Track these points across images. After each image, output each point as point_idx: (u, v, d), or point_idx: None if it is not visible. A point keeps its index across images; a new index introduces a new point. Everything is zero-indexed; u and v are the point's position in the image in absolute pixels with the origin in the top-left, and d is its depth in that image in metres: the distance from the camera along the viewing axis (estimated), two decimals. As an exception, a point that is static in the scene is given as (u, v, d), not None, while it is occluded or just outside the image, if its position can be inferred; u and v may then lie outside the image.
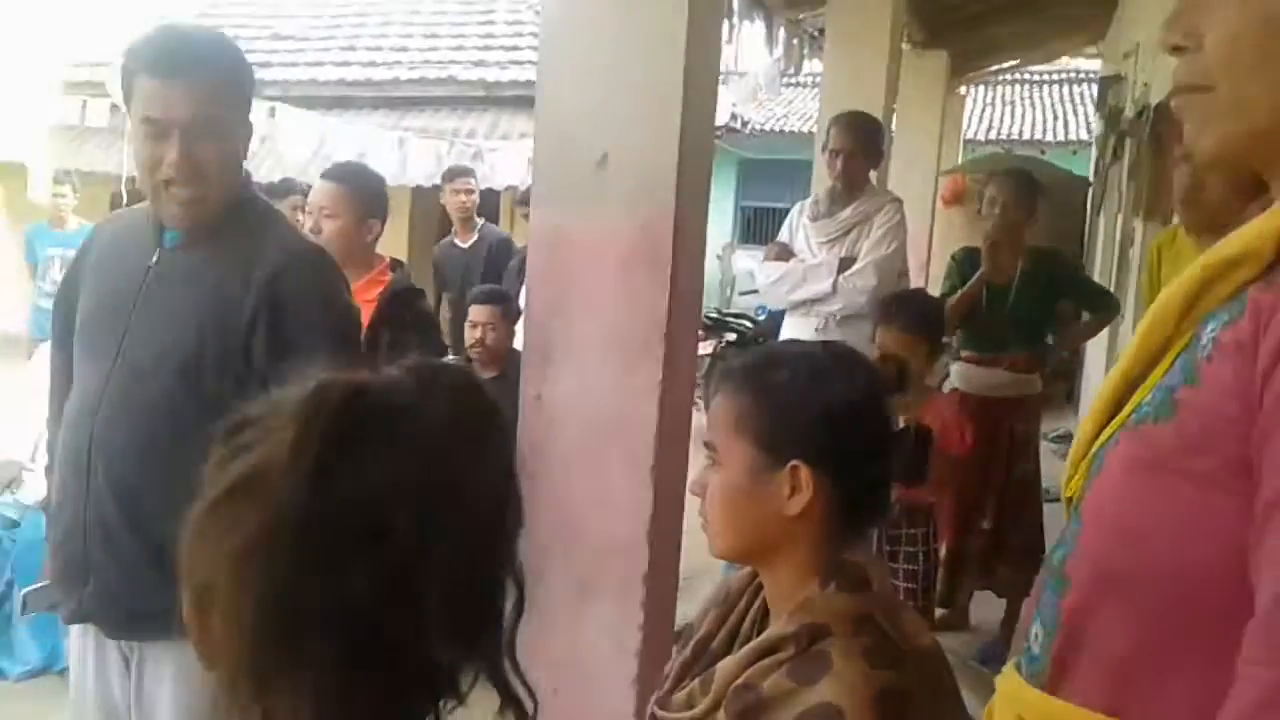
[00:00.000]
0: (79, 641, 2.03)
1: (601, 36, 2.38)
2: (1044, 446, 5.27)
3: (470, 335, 4.30)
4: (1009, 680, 1.02)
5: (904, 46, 7.15)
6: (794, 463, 1.21)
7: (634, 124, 2.36)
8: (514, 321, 4.40)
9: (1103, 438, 0.96)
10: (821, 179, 4.36)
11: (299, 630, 0.67)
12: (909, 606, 1.27)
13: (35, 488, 3.95)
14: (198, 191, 1.85)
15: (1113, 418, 0.96)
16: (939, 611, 4.41)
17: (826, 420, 1.22)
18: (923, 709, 1.14)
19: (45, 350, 4.39)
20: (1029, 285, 4.18)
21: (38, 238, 6.81)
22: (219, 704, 0.69)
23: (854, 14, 6.15)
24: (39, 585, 2.13)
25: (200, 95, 1.82)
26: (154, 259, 1.92)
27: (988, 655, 3.96)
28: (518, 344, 4.49)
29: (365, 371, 0.74)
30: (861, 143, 4.00)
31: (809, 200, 4.23)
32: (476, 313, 4.31)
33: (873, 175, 4.21)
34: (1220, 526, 0.83)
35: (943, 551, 4.25)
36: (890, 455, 1.27)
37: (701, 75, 2.43)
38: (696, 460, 2.22)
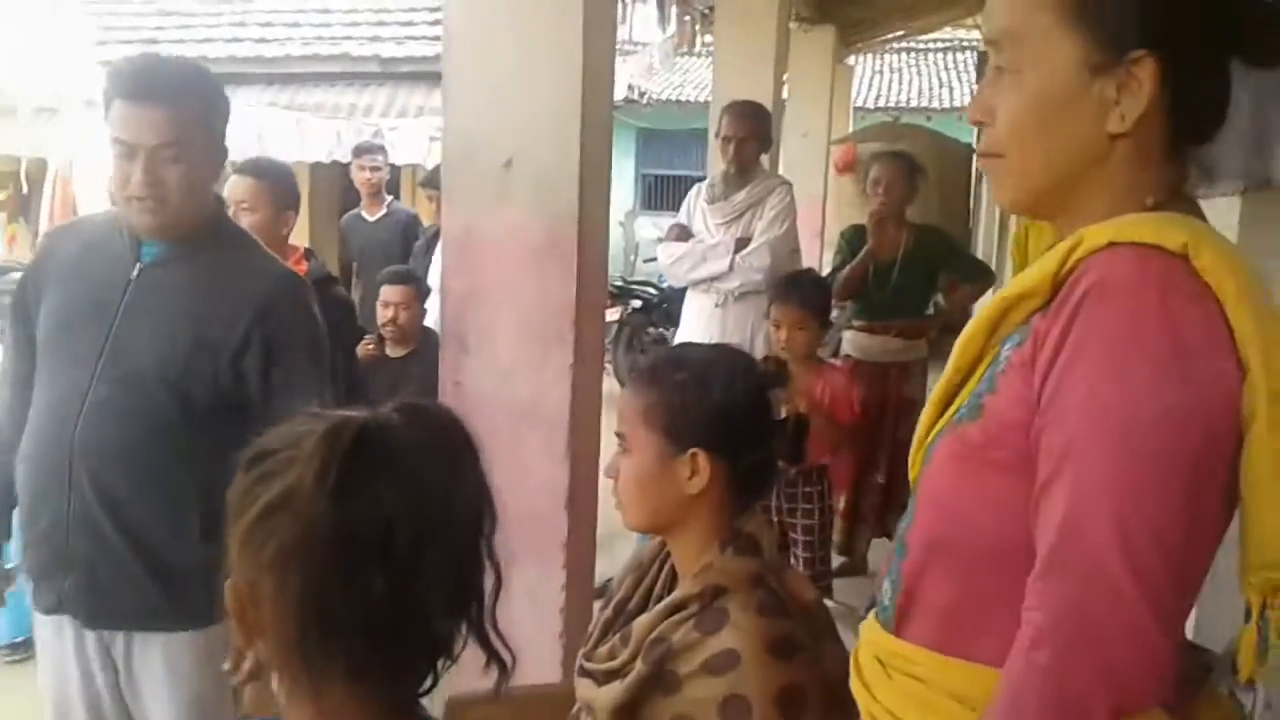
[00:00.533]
0: (54, 634, 2.11)
1: (502, 48, 2.53)
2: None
3: (383, 314, 4.38)
4: (869, 627, 1.26)
5: (791, 25, 7.38)
6: (693, 450, 1.44)
7: (537, 130, 2.53)
8: (424, 300, 4.53)
9: (933, 433, 1.19)
10: (716, 162, 4.57)
11: (331, 614, 0.86)
12: (793, 568, 1.50)
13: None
14: (161, 209, 1.97)
15: (940, 417, 1.19)
16: (839, 559, 4.74)
17: (719, 414, 1.44)
18: (807, 651, 1.37)
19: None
20: (912, 260, 4.52)
21: None
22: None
23: (740, -10, 6.36)
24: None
25: (166, 121, 1.93)
26: (135, 272, 2.02)
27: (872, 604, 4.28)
28: (428, 321, 4.66)
29: (367, 410, 0.93)
30: (751, 129, 4.24)
31: (705, 183, 4.45)
32: (389, 293, 4.39)
33: (764, 159, 4.45)
34: (1014, 504, 1.05)
35: (841, 505, 4.57)
36: (773, 441, 1.50)
37: (598, 80, 2.60)
38: (608, 433, 2.45)
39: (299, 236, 11.75)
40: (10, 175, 10.43)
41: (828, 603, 1.54)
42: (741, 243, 4.16)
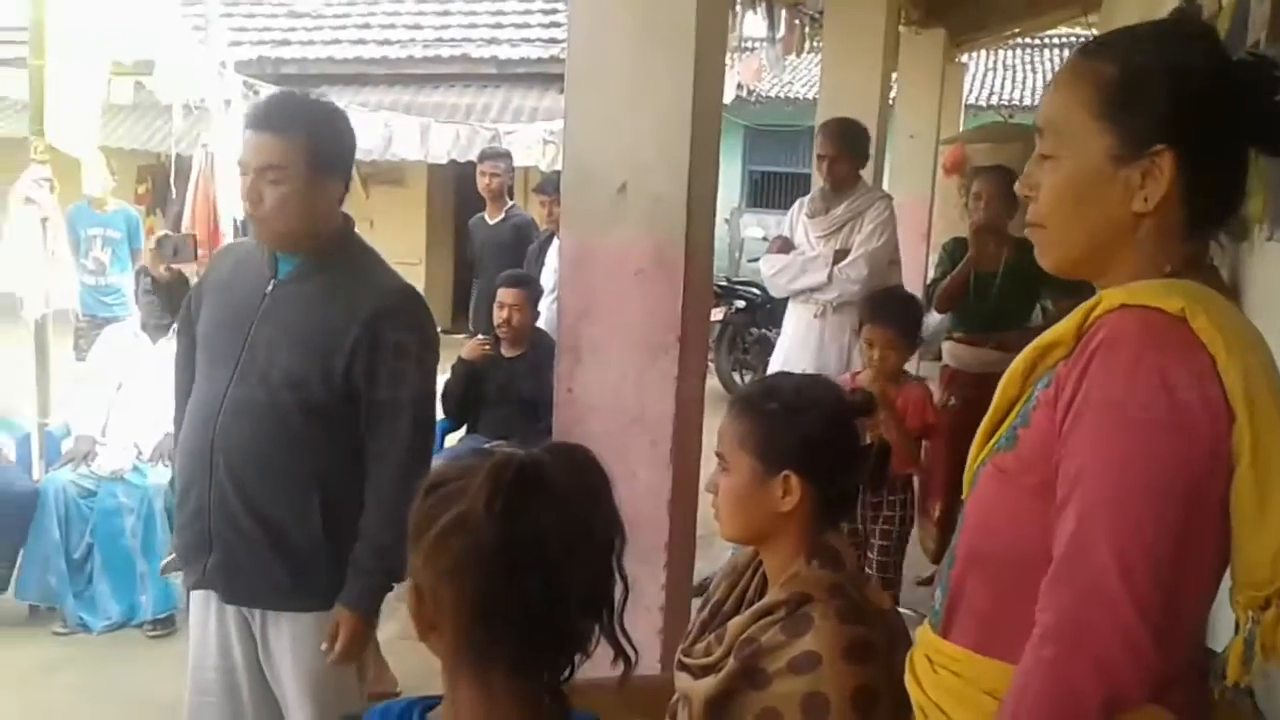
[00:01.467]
0: (200, 607, 2.39)
1: (618, 81, 2.72)
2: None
3: (499, 315, 4.61)
4: (923, 630, 1.44)
5: (901, 28, 7.41)
6: (786, 472, 1.62)
7: (649, 157, 2.72)
8: (536, 302, 4.73)
9: (979, 459, 1.37)
10: (816, 178, 4.70)
11: (496, 615, 1.07)
12: (871, 579, 1.67)
13: (108, 460, 4.36)
14: (265, 224, 2.23)
15: (986, 445, 1.37)
16: (934, 568, 4.81)
17: (809, 441, 1.62)
18: (881, 655, 1.53)
19: (110, 332, 4.78)
20: (1013, 274, 4.55)
21: (79, 218, 7.05)
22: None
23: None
24: (171, 557, 2.53)
25: (270, 147, 2.18)
26: (269, 287, 2.28)
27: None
28: (541, 323, 4.88)
29: (524, 450, 1.13)
30: (844, 147, 4.38)
31: (807, 197, 4.60)
32: (505, 295, 4.62)
33: (866, 172, 4.59)
34: (1041, 522, 1.23)
35: (936, 512, 4.66)
36: (859, 466, 1.66)
37: (707, 109, 2.78)
38: (709, 433, 2.63)
39: (416, 233, 12.08)
40: (150, 170, 11.05)
41: (902, 610, 1.71)
42: (840, 255, 4.31)
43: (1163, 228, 1.26)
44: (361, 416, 2.24)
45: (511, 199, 6.53)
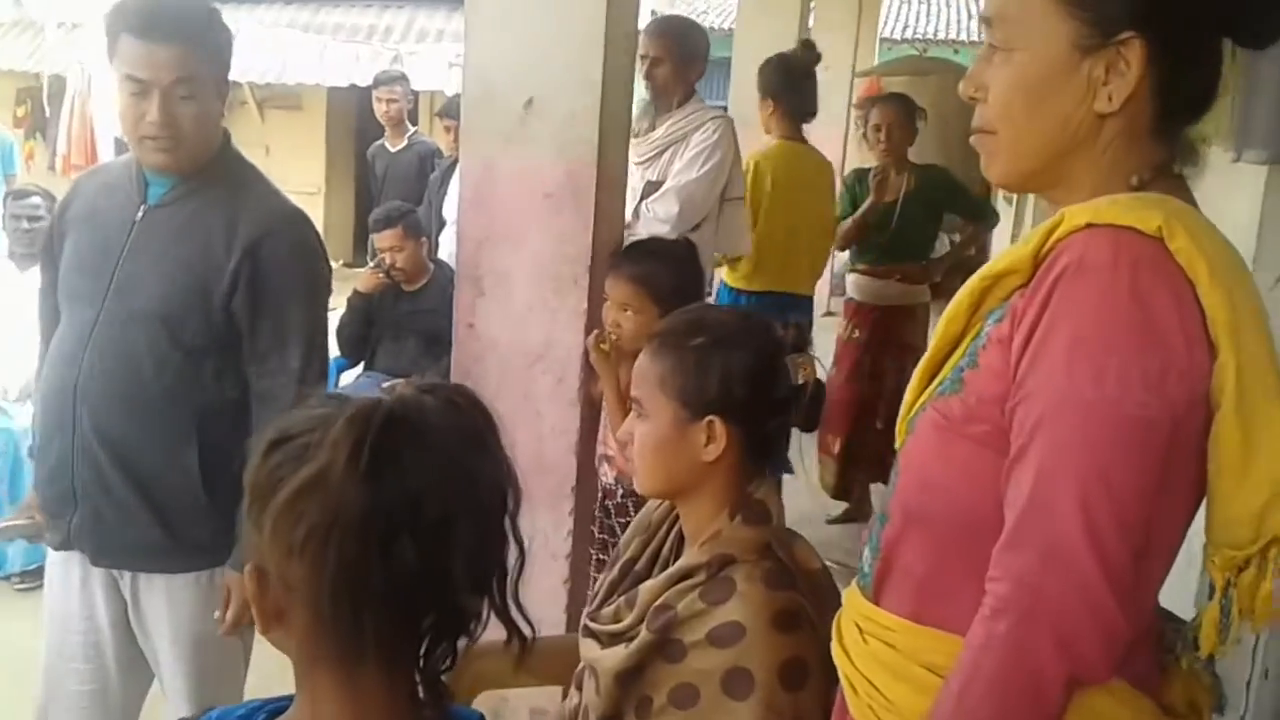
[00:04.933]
0: (61, 568, 2.17)
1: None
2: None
3: (384, 261, 4.37)
4: (850, 593, 1.28)
5: (819, -45, 7.22)
6: (710, 417, 1.42)
7: (558, 71, 2.48)
8: (419, 234, 4.44)
9: (917, 405, 1.20)
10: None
11: (363, 592, 0.87)
12: (801, 536, 1.50)
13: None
14: (175, 147, 1.97)
15: (925, 389, 1.20)
16: (839, 505, 4.76)
17: (736, 382, 1.43)
18: (811, 623, 1.37)
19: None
20: (914, 203, 4.48)
21: None
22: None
23: (768, -80, 6.23)
24: (10, 521, 2.27)
25: (180, 58, 1.93)
26: (139, 214, 2.03)
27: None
28: (443, 254, 4.63)
29: (394, 394, 0.94)
30: (668, 47, 3.43)
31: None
32: (378, 240, 4.38)
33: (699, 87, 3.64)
34: (989, 477, 1.08)
35: (836, 448, 4.58)
36: (790, 408, 1.48)
37: (622, 24, 2.55)
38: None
39: (315, 161, 11.68)
40: (30, 91, 10.41)
41: (831, 563, 1.54)
42: (652, 187, 3.38)
43: (1129, 131, 1.11)
44: (245, 354, 2.04)
45: (414, 125, 6.31)
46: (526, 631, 0.98)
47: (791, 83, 4.20)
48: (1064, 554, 1.00)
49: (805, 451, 3.65)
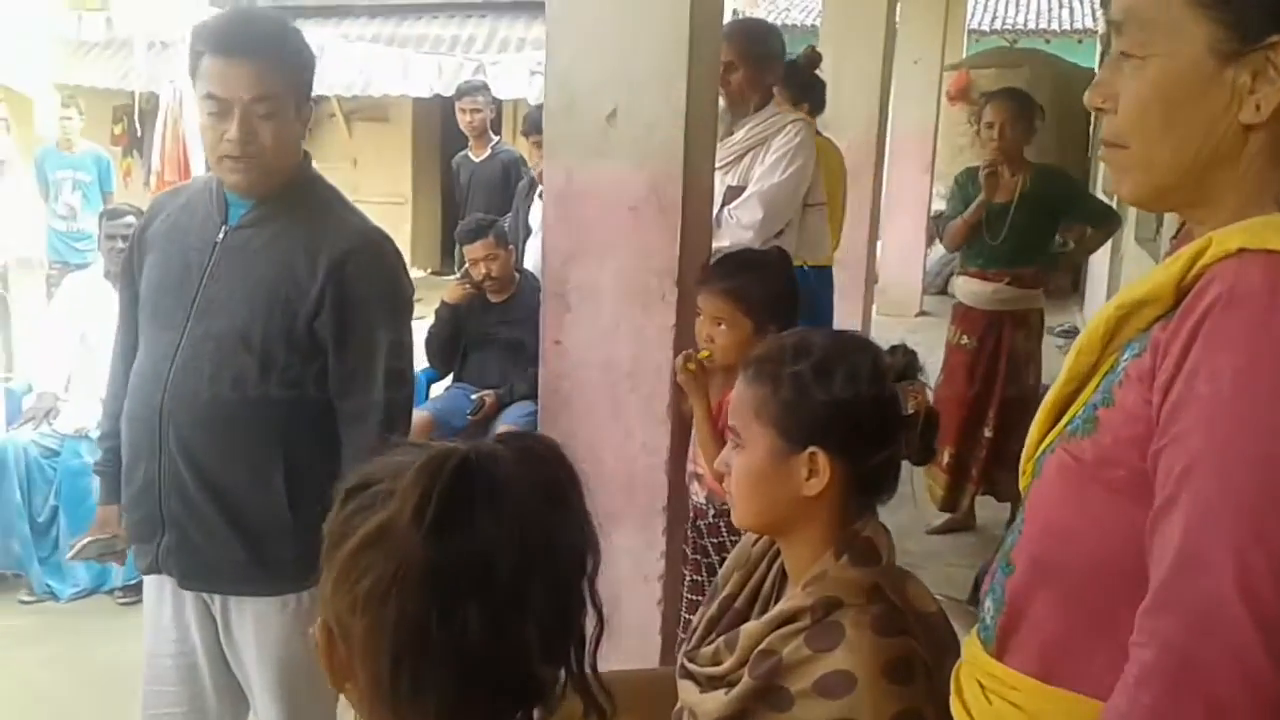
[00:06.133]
0: (154, 591, 2.16)
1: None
2: (1048, 340, 5.38)
3: (475, 273, 4.37)
4: (970, 645, 1.18)
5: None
6: (811, 449, 1.34)
7: (641, 79, 2.42)
8: (507, 243, 4.46)
9: (1045, 445, 1.10)
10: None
11: (424, 654, 0.82)
12: (914, 575, 1.40)
13: (71, 418, 4.13)
14: (256, 166, 1.95)
15: (1053, 427, 1.09)
16: (944, 516, 4.60)
17: (841, 411, 1.34)
18: (925, 672, 1.28)
19: (71, 281, 4.52)
20: (1029, 204, 4.26)
21: (47, 161, 6.90)
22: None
23: (855, -84, 6.08)
24: (87, 539, 2.27)
25: (261, 76, 1.90)
26: (221, 235, 2.01)
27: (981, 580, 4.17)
28: (527, 263, 4.61)
29: (470, 443, 0.89)
30: (741, 51, 3.32)
31: None
32: (469, 251, 4.38)
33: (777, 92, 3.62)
34: (1129, 528, 0.97)
35: (945, 459, 4.42)
36: (899, 439, 1.38)
37: (706, 31, 2.48)
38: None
39: (401, 171, 11.87)
40: (125, 110, 10.71)
41: (939, 596, 1.44)
42: (733, 192, 3.31)
43: (1277, 144, 0.99)
44: (330, 375, 2.01)
45: (497, 134, 6.32)
46: (607, 707, 0.91)
47: (811, 82, 4.08)
48: (1217, 617, 0.89)
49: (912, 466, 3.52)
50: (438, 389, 4.72)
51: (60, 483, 4.12)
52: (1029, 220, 4.28)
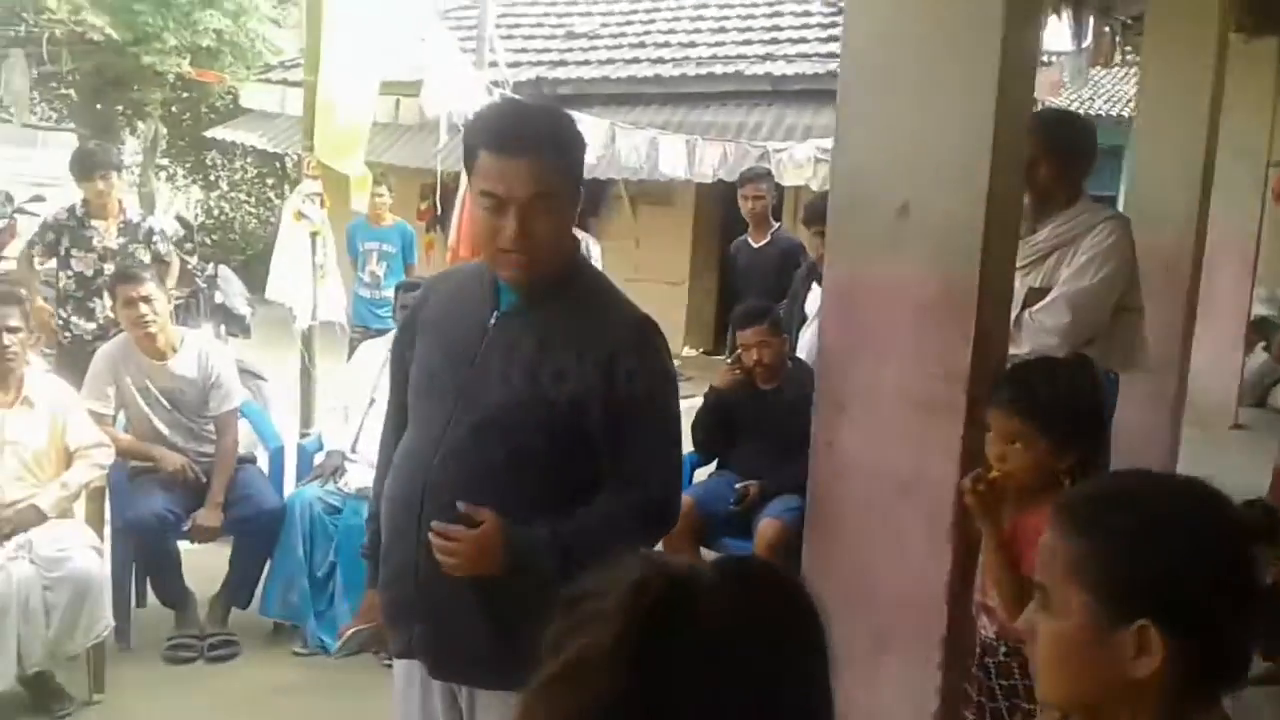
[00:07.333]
0: (404, 674, 2.13)
1: (905, 83, 2.29)
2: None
3: (747, 358, 4.32)
4: None
5: (1231, 35, 6.51)
6: (1142, 622, 1.10)
7: (937, 173, 2.27)
8: (781, 330, 4.40)
9: None
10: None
11: None
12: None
13: (356, 477, 4.27)
14: (532, 261, 1.93)
15: None
16: (1265, 664, 4.02)
17: (1181, 575, 1.09)
18: None
19: (367, 346, 4.77)
20: None
21: (357, 233, 7.47)
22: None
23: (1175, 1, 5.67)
24: (355, 628, 2.27)
25: (538, 174, 1.88)
26: (493, 320, 2.00)
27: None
28: (800, 351, 4.49)
29: (684, 564, 0.77)
30: (1047, 146, 3.07)
31: None
32: (743, 337, 4.34)
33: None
34: None
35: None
36: (1254, 614, 1.12)
37: (1012, 121, 2.28)
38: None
39: (681, 254, 12.13)
40: (430, 188, 11.49)
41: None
42: (1036, 294, 3.06)
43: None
44: (599, 464, 1.96)
45: (778, 220, 6.27)
46: None
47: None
48: None
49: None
50: (701, 474, 4.64)
51: (340, 540, 4.26)
52: None
